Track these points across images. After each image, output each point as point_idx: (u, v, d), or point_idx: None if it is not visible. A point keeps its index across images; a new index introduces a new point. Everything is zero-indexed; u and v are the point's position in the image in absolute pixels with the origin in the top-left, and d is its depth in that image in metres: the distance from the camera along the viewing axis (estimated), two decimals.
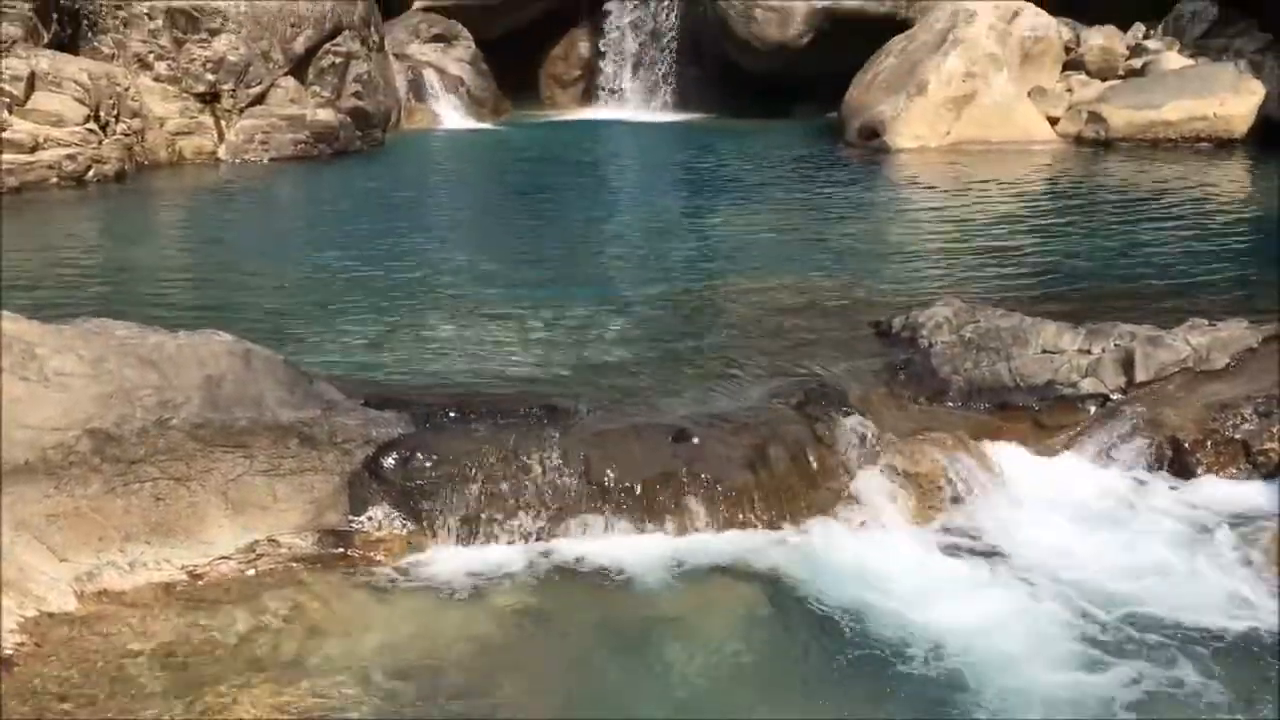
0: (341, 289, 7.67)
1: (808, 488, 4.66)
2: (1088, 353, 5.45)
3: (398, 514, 4.42)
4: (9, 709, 3.40)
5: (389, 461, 4.49)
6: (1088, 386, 5.35)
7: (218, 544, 4.23)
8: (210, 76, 13.71)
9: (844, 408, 5.00)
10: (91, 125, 11.94)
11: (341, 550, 4.33)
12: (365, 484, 4.45)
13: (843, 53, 15.82)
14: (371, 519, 4.41)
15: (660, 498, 4.52)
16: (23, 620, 3.78)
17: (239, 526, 4.28)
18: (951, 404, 5.40)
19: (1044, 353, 5.48)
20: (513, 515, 4.44)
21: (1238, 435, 4.99)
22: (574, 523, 4.45)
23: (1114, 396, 5.30)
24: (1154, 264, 7.99)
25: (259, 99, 14.10)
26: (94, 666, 3.64)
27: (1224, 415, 5.04)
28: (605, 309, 7.00)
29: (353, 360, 5.97)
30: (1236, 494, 4.79)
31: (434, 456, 4.52)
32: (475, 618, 4.01)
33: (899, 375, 5.59)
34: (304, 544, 4.31)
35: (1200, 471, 4.92)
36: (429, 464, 4.50)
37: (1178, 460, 4.96)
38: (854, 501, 4.66)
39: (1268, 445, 4.93)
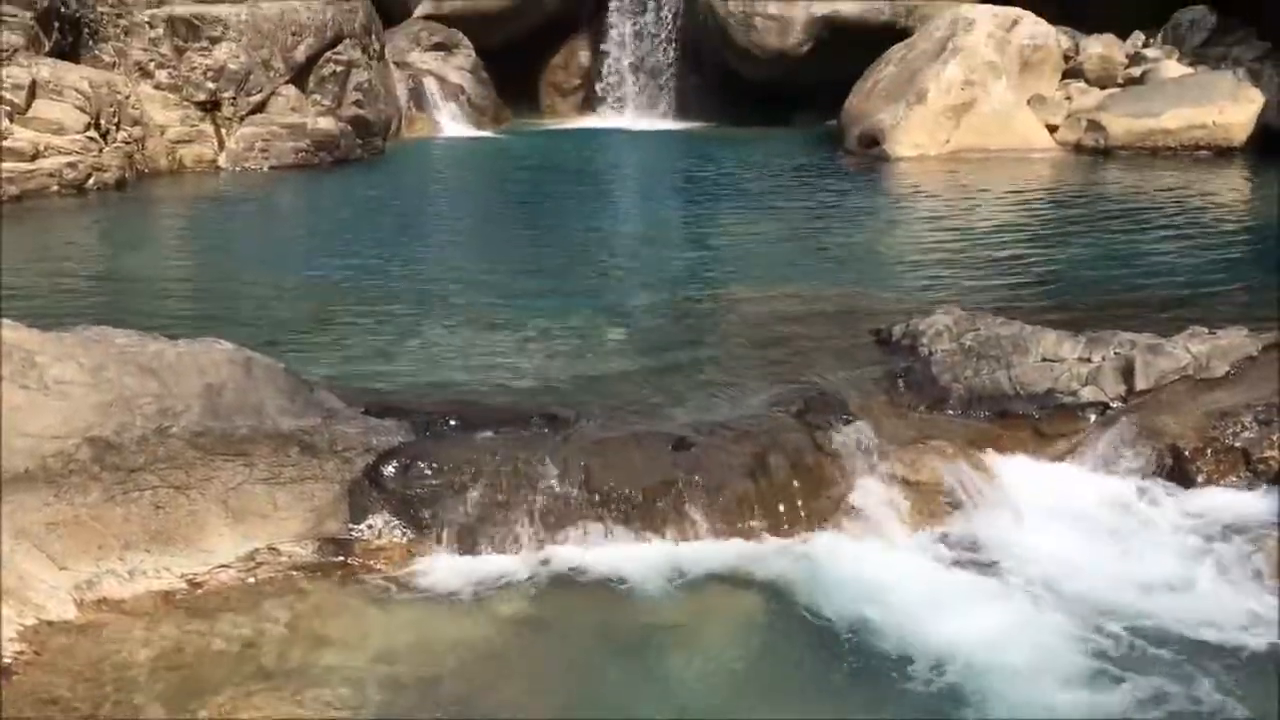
0: (342, 297, 7.67)
1: (808, 496, 4.66)
2: (1088, 361, 5.44)
3: (398, 522, 4.42)
4: (8, 718, 3.40)
5: (389, 470, 4.49)
6: (1088, 395, 5.35)
7: (218, 552, 4.23)
8: (211, 85, 13.73)
9: (844, 416, 4.99)
10: (92, 133, 11.97)
11: (342, 558, 4.33)
12: (365, 492, 4.45)
13: (842, 61, 15.85)
14: (372, 527, 4.41)
15: (660, 506, 4.52)
16: (22, 629, 3.77)
17: (239, 535, 4.27)
18: (952, 412, 5.39)
19: (1044, 361, 5.48)
20: (513, 523, 4.43)
21: (1238, 443, 4.98)
22: (574, 531, 4.44)
23: (1114, 405, 5.29)
24: (1154, 272, 7.99)
25: (260, 107, 14.12)
26: (93, 675, 3.64)
27: (1224, 423, 5.03)
28: (605, 317, 7.00)
29: (353, 368, 5.97)
30: (1237, 502, 4.78)
31: (434, 465, 4.52)
32: (475, 626, 4.01)
33: (899, 383, 5.59)
34: (304, 552, 4.31)
35: (1200, 480, 4.91)
36: (429, 472, 4.50)
37: (1178, 468, 4.96)
38: (854, 510, 4.65)
39: (1268, 453, 4.92)
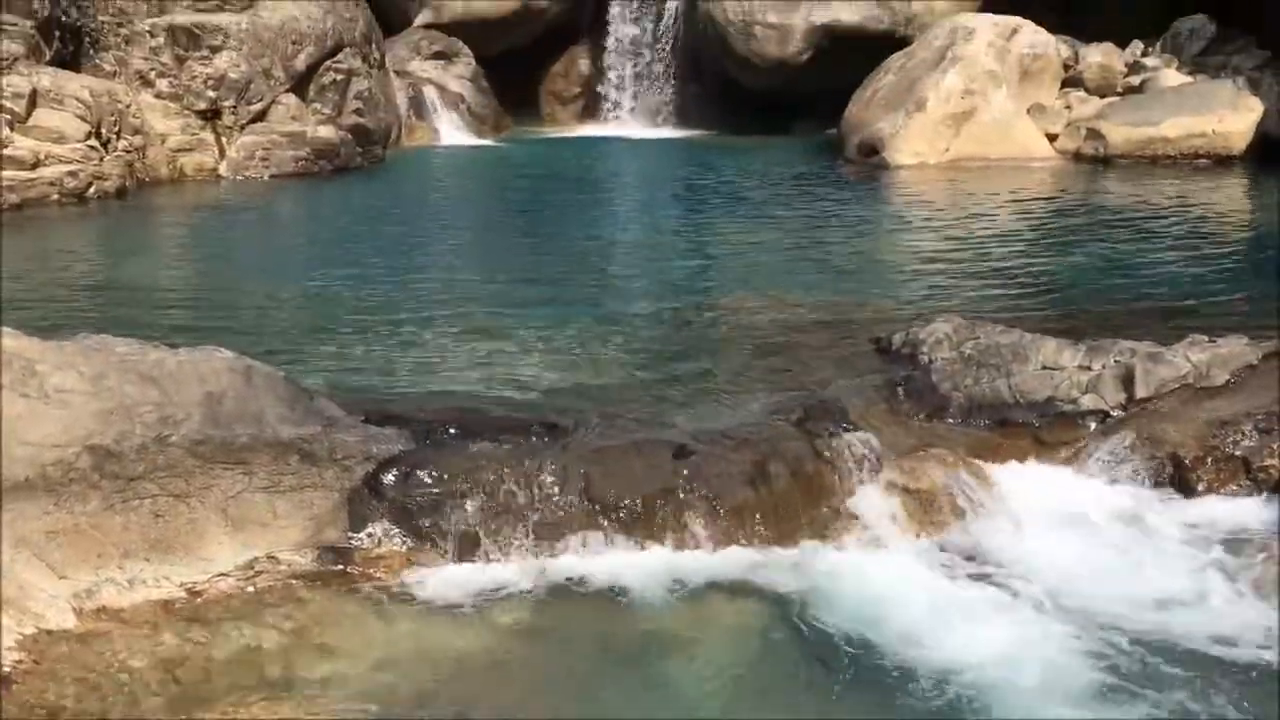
0: (341, 306, 7.67)
1: (808, 504, 4.66)
2: (1088, 369, 5.44)
3: (397, 530, 4.41)
4: None
5: (389, 478, 4.49)
6: (1088, 403, 5.35)
7: (217, 561, 4.22)
8: (211, 93, 13.76)
9: (844, 424, 4.99)
10: (93, 142, 11.99)
11: (341, 567, 4.32)
12: (365, 500, 4.44)
13: (842, 70, 15.88)
14: (371, 535, 4.40)
15: (660, 514, 4.51)
16: (22, 638, 3.76)
17: (238, 543, 4.27)
18: (952, 420, 5.39)
19: (1044, 369, 5.48)
20: (512, 532, 4.43)
21: (1238, 452, 4.98)
22: (574, 539, 4.43)
23: (1114, 413, 5.29)
24: (1154, 280, 7.99)
25: (260, 116, 14.16)
26: (92, 684, 3.63)
27: (1224, 432, 5.04)
28: (605, 325, 7.00)
29: (353, 377, 5.97)
30: (1237, 511, 4.78)
31: (434, 473, 4.51)
32: (475, 634, 4.00)
33: (899, 392, 5.59)
34: (303, 561, 4.30)
35: (1201, 488, 4.91)
36: (429, 481, 4.49)
37: (1178, 477, 4.96)
38: (854, 518, 4.65)
39: (1268, 462, 4.92)
